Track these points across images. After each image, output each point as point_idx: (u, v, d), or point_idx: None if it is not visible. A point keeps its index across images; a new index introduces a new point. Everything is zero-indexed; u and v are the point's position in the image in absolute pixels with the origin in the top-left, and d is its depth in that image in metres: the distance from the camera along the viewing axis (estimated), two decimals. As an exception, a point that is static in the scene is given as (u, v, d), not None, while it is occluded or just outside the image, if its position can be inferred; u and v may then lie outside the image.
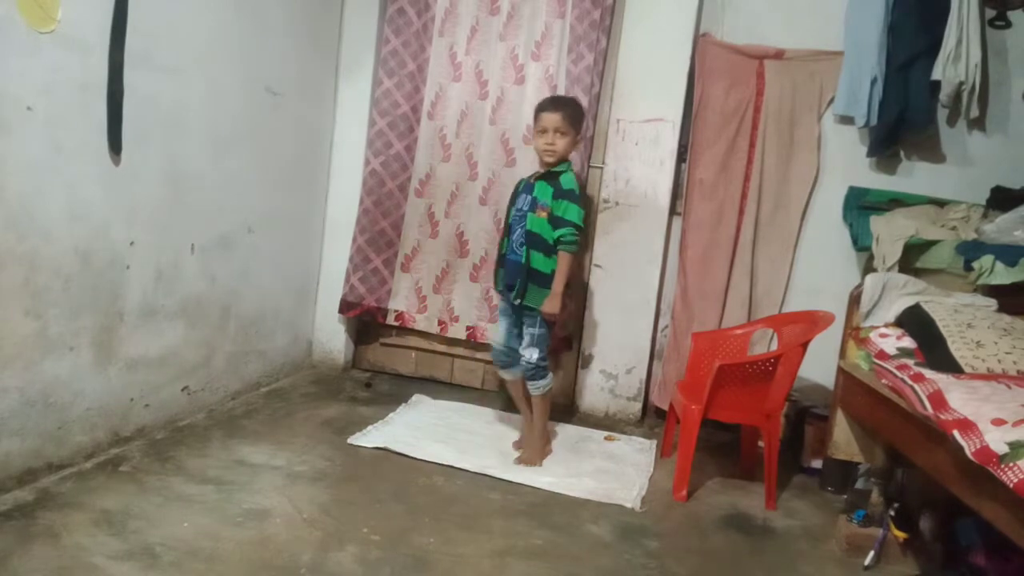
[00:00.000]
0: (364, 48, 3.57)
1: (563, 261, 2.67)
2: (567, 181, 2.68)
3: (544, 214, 2.67)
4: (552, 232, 2.66)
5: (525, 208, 2.71)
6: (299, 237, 3.54)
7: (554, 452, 2.94)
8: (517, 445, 2.93)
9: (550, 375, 2.82)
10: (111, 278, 2.38)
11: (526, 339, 2.75)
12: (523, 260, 2.68)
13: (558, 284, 2.66)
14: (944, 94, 3.03)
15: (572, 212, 2.65)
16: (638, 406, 3.50)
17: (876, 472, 2.59)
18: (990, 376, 2.06)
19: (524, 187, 2.81)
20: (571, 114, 2.71)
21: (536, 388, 2.79)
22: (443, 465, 2.67)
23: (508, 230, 2.81)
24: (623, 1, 3.39)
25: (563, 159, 2.72)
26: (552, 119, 2.66)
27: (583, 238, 2.65)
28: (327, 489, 2.41)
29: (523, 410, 2.92)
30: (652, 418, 3.53)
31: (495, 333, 2.89)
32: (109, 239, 2.35)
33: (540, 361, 2.75)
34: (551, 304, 2.66)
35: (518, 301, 2.69)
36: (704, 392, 2.63)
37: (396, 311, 3.63)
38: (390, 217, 3.59)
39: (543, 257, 2.69)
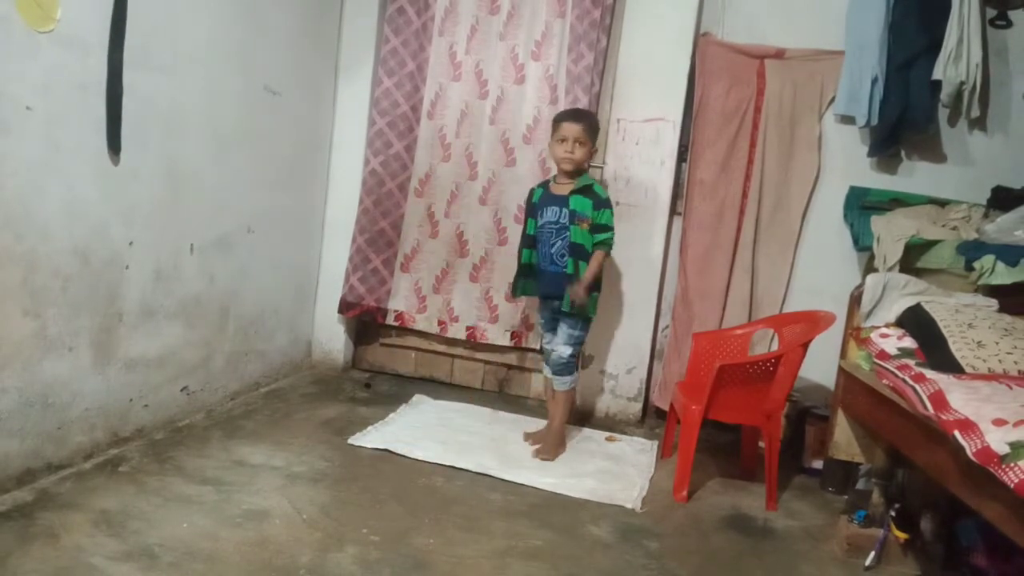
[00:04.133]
0: (364, 47, 3.56)
1: (598, 260, 2.83)
2: (602, 191, 2.87)
3: (586, 225, 2.81)
4: (591, 239, 2.81)
5: (564, 221, 2.83)
6: (298, 237, 3.54)
7: (555, 452, 2.95)
8: (532, 439, 3.01)
9: (576, 374, 2.97)
10: (110, 278, 2.38)
11: (562, 337, 2.89)
12: (570, 271, 2.82)
13: (589, 275, 2.80)
14: (945, 94, 3.02)
15: (606, 216, 2.83)
16: (638, 406, 3.50)
17: (877, 472, 2.59)
18: (991, 376, 2.06)
19: (547, 199, 2.90)
20: (591, 125, 2.85)
21: (562, 383, 2.92)
22: (443, 465, 2.67)
23: (535, 241, 2.94)
24: (623, 0, 3.39)
25: (580, 168, 2.85)
26: (573, 129, 2.78)
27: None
28: (327, 490, 2.40)
29: (550, 408, 3.02)
30: (653, 418, 3.53)
31: (548, 338, 3.01)
32: (108, 239, 2.35)
33: (570, 358, 2.90)
34: (577, 292, 2.78)
35: (570, 309, 2.81)
36: (705, 392, 2.63)
37: (396, 311, 3.63)
38: (390, 217, 3.59)
39: (586, 265, 2.83)
